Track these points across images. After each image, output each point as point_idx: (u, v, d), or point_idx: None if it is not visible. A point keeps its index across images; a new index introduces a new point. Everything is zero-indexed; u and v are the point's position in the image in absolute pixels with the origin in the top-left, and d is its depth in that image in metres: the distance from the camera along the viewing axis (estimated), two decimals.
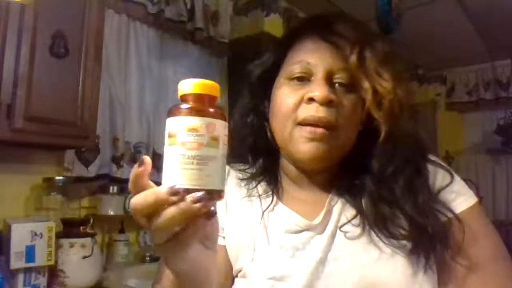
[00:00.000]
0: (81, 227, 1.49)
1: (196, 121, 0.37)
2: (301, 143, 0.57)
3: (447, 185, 0.57)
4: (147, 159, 0.39)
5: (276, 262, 0.57)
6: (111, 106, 1.82)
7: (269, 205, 0.62)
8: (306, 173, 0.63)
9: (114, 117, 1.83)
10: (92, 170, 1.72)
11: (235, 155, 0.66)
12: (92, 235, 1.51)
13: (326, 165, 0.59)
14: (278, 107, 0.60)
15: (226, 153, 0.40)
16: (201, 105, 0.39)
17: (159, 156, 2.00)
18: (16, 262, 1.23)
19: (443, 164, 0.60)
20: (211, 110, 0.39)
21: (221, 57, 2.32)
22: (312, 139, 0.56)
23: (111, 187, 1.78)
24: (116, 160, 1.82)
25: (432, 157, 0.61)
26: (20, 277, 1.26)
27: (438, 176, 0.58)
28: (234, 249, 0.61)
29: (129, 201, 0.38)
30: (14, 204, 1.51)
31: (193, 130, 0.37)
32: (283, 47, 0.65)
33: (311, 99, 0.56)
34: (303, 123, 0.57)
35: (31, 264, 1.26)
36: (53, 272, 1.37)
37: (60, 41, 1.37)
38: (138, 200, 0.37)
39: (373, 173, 0.57)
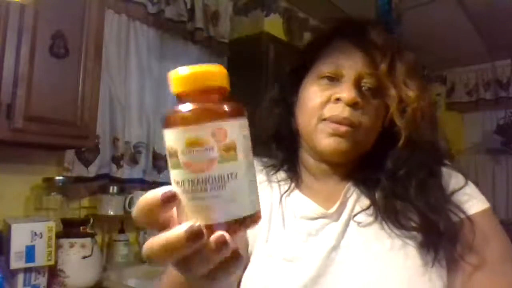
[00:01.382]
0: (81, 227, 1.49)
1: (197, 131, 0.28)
2: (324, 137, 0.60)
3: (461, 188, 0.58)
4: (173, 194, 0.29)
5: (289, 244, 0.59)
6: (111, 106, 1.83)
7: (287, 190, 0.65)
8: (324, 166, 0.65)
9: (114, 117, 1.83)
10: (92, 170, 1.72)
11: (258, 142, 0.68)
12: (92, 235, 1.51)
13: (345, 160, 0.62)
14: (306, 102, 0.63)
15: (252, 157, 0.30)
16: (201, 106, 0.29)
17: (159, 156, 2.00)
18: (16, 262, 1.23)
19: (458, 168, 0.63)
20: (217, 109, 0.29)
21: (221, 57, 2.32)
22: (334, 134, 0.59)
23: (111, 187, 1.79)
24: (116, 160, 1.83)
25: (447, 162, 0.63)
26: (20, 277, 1.26)
27: (452, 179, 0.60)
28: (251, 231, 0.60)
29: (133, 206, 0.32)
30: (14, 204, 1.51)
31: (197, 144, 0.27)
32: (315, 46, 0.68)
33: (338, 99, 0.59)
34: (327, 120, 0.60)
35: (31, 264, 1.26)
36: (53, 272, 1.37)
37: (60, 41, 1.37)
38: (155, 247, 0.29)
39: (387, 172, 0.60)
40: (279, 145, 0.70)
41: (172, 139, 0.29)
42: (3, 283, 1.21)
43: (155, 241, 0.29)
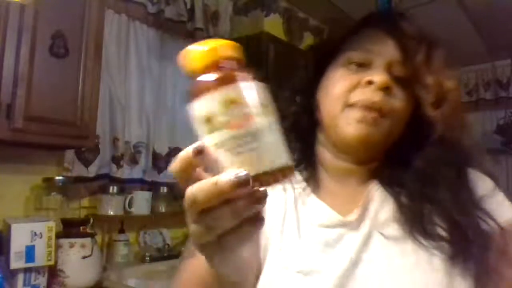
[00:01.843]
0: (81, 227, 1.49)
1: (234, 91, 0.30)
2: (349, 125, 0.55)
3: (491, 193, 0.55)
4: (201, 147, 0.31)
5: (305, 255, 0.55)
6: (111, 106, 1.83)
7: (302, 194, 0.60)
8: (344, 163, 0.60)
9: (114, 117, 1.84)
10: (92, 170, 1.72)
11: None
12: (92, 235, 1.51)
13: (369, 152, 0.58)
14: (331, 87, 0.59)
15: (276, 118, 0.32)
16: (232, 70, 0.31)
17: (159, 156, 2.00)
18: (16, 262, 1.23)
19: (486, 170, 0.59)
20: (244, 72, 0.32)
21: None
22: (361, 121, 0.54)
23: (111, 187, 1.79)
24: (116, 160, 1.83)
25: (478, 165, 0.59)
26: (20, 277, 1.26)
27: (480, 182, 0.56)
28: (264, 236, 0.58)
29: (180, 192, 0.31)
30: (14, 204, 1.51)
31: (235, 102, 0.30)
32: (343, 34, 0.64)
33: (369, 82, 0.55)
34: (354, 106, 0.55)
35: (31, 264, 1.26)
36: (53, 272, 1.37)
37: (60, 41, 1.37)
38: (195, 191, 0.30)
39: (415, 172, 0.55)
40: (297, 139, 0.64)
41: (206, 105, 0.30)
42: (3, 283, 1.21)
43: (202, 184, 0.29)
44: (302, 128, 0.64)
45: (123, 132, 1.86)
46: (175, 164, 0.31)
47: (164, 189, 1.97)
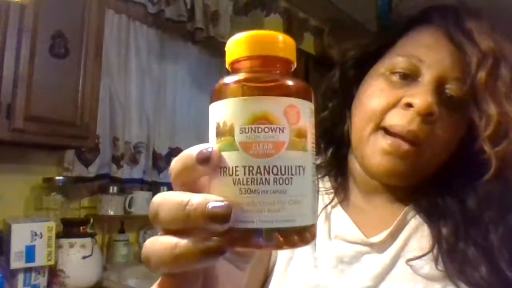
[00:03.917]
0: (81, 227, 1.49)
1: (267, 104, 0.22)
2: (377, 153, 0.47)
3: None
4: (209, 154, 0.23)
5: (315, 268, 0.49)
6: (111, 106, 1.83)
7: (327, 205, 0.53)
8: (375, 182, 0.52)
9: (114, 117, 1.84)
10: (92, 170, 1.72)
11: None
12: (92, 235, 1.51)
13: (401, 184, 0.50)
14: (366, 100, 0.50)
15: (315, 156, 0.25)
16: (273, 75, 0.23)
17: (159, 156, 2.00)
18: (16, 262, 1.23)
19: None
20: (291, 83, 0.23)
21: (221, 57, 2.31)
22: (391, 153, 0.46)
23: (111, 187, 1.78)
24: (116, 160, 1.83)
25: None
26: (20, 277, 1.26)
27: None
28: None
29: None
30: (14, 204, 1.51)
31: (264, 120, 0.22)
32: (394, 31, 0.54)
33: (408, 105, 0.45)
34: (387, 130, 0.47)
35: (31, 264, 1.26)
36: (53, 272, 1.37)
37: (60, 41, 1.37)
38: (158, 204, 0.24)
39: (464, 209, 0.46)
40: (328, 145, 0.57)
41: (227, 111, 0.22)
42: (3, 283, 1.21)
43: (170, 198, 0.23)
44: (334, 136, 0.56)
45: (123, 132, 1.86)
46: (176, 164, 0.25)
47: (164, 189, 1.96)
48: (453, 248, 0.45)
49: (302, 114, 0.23)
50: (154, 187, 1.96)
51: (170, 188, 0.25)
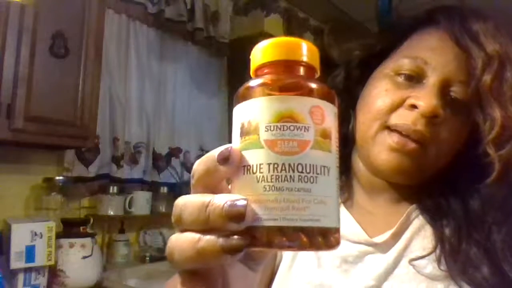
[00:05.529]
0: (81, 227, 1.49)
1: (292, 103, 0.23)
2: (383, 150, 0.47)
3: None
4: (228, 152, 0.24)
5: (319, 267, 0.50)
6: (111, 106, 1.83)
7: None
8: (380, 181, 0.52)
9: (114, 117, 1.84)
10: (92, 170, 1.72)
11: None
12: (92, 235, 1.51)
13: (406, 182, 0.50)
14: (371, 100, 0.50)
15: (339, 159, 0.25)
16: (300, 77, 0.24)
17: (159, 156, 2.00)
18: (16, 262, 1.23)
19: None
20: (316, 85, 0.24)
21: (221, 57, 2.32)
22: (398, 150, 0.46)
23: (111, 187, 1.78)
24: (116, 160, 1.83)
25: None
26: (20, 277, 1.26)
27: None
28: None
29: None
30: (14, 204, 1.51)
31: (290, 118, 0.22)
32: (399, 32, 0.54)
33: (413, 106, 0.46)
34: (392, 129, 0.47)
35: (31, 264, 1.26)
36: (53, 272, 1.37)
37: (60, 41, 1.37)
38: (182, 207, 0.25)
39: (467, 211, 0.47)
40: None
41: (252, 111, 0.23)
42: (3, 283, 1.21)
43: (192, 201, 0.24)
44: (338, 133, 0.56)
45: (123, 132, 1.86)
46: (198, 166, 0.25)
47: (164, 189, 1.97)
48: (455, 249, 0.45)
49: (327, 115, 0.23)
50: (154, 187, 1.96)
51: (170, 188, 0.25)
